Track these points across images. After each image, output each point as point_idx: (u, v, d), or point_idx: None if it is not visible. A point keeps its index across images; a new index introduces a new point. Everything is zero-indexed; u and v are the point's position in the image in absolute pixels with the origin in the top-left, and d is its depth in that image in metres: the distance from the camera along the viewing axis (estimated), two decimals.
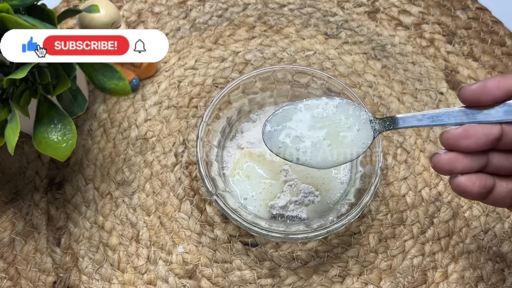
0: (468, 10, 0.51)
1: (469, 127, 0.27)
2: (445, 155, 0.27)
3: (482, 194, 0.28)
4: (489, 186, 0.28)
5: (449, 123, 0.28)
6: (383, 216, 0.42)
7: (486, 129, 0.27)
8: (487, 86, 0.27)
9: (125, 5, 0.51)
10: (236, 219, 0.36)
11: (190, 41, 0.49)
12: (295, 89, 0.42)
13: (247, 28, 0.50)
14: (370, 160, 0.38)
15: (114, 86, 0.34)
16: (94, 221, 0.42)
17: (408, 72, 0.48)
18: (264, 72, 0.40)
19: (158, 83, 0.47)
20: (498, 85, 0.26)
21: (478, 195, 0.28)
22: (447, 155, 0.27)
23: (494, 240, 0.41)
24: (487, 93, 0.27)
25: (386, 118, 0.31)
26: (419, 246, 0.41)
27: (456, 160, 0.27)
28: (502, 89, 0.26)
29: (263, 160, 0.41)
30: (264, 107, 0.44)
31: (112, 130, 0.45)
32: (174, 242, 0.41)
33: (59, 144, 0.32)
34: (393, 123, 0.30)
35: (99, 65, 0.33)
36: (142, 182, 0.43)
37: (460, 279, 0.40)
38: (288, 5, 0.51)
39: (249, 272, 0.40)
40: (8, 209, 0.42)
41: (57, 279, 0.40)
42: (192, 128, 0.45)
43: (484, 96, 0.27)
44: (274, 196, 0.40)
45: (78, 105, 0.35)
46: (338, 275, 0.40)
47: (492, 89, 0.26)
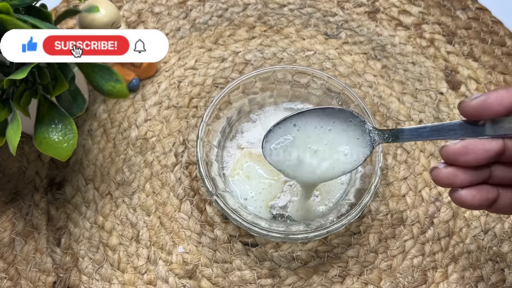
0: (468, 10, 0.51)
1: (468, 143, 0.26)
2: (445, 170, 0.27)
3: (484, 206, 0.27)
4: (492, 198, 0.27)
5: (449, 137, 0.27)
6: (383, 216, 0.42)
7: (487, 145, 0.26)
8: (488, 102, 0.25)
9: (125, 5, 0.51)
10: (236, 219, 0.36)
11: (190, 41, 0.49)
12: (295, 89, 0.42)
13: (247, 28, 0.50)
14: (370, 160, 0.38)
15: (111, 88, 0.33)
16: (94, 221, 0.42)
17: (408, 72, 0.48)
18: (264, 72, 0.40)
19: (158, 83, 0.47)
20: (501, 101, 0.25)
21: (479, 207, 0.27)
22: (447, 169, 0.27)
23: (494, 240, 0.41)
24: (488, 109, 0.25)
25: (385, 130, 0.30)
26: (419, 246, 0.41)
27: (456, 175, 0.26)
28: (503, 105, 0.25)
29: (263, 160, 0.41)
30: (264, 107, 0.44)
31: (112, 130, 0.45)
32: (174, 242, 0.41)
33: (60, 144, 0.32)
34: (393, 136, 0.30)
35: (97, 66, 0.33)
36: (142, 182, 0.43)
37: (460, 279, 0.40)
38: (288, 5, 0.51)
39: (249, 272, 0.40)
40: (8, 209, 0.42)
41: (57, 279, 0.40)
42: (192, 128, 0.45)
43: (485, 112, 0.26)
44: (274, 196, 0.40)
45: (78, 106, 0.35)
46: (338, 275, 0.40)
47: (494, 105, 0.25)
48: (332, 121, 0.32)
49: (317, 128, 0.32)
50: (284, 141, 0.33)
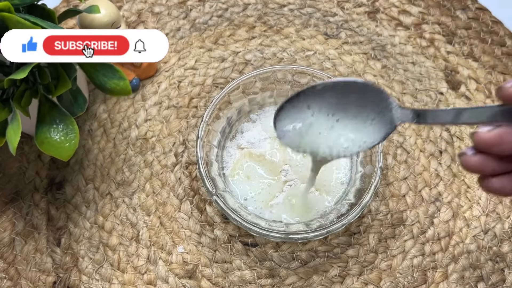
0: (468, 10, 0.51)
1: (504, 132, 0.23)
2: (474, 158, 0.24)
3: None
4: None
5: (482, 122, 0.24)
6: (383, 216, 0.42)
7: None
8: None
9: (125, 5, 0.51)
10: (236, 219, 0.36)
11: (190, 41, 0.49)
12: (295, 89, 0.42)
13: (247, 28, 0.50)
14: (370, 160, 0.38)
15: (114, 86, 0.34)
16: (94, 221, 0.42)
17: (408, 72, 0.48)
18: (264, 72, 0.40)
19: (158, 83, 0.47)
20: None
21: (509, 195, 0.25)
22: (476, 157, 0.24)
23: (494, 240, 0.41)
24: None
25: (410, 109, 0.27)
26: (419, 246, 0.41)
27: (486, 164, 0.24)
28: None
29: (263, 160, 0.41)
30: (264, 107, 0.44)
31: (112, 130, 0.45)
32: (174, 242, 0.41)
33: (62, 144, 0.32)
34: (417, 116, 0.27)
35: (99, 65, 0.33)
36: (142, 182, 0.43)
37: (460, 279, 0.40)
38: (288, 5, 0.51)
39: (249, 272, 0.40)
40: (8, 209, 0.42)
41: (57, 279, 0.40)
42: (192, 128, 0.45)
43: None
44: (274, 196, 0.40)
45: (78, 106, 0.35)
46: (338, 275, 0.40)
47: None
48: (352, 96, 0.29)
49: (335, 104, 0.30)
50: (299, 120, 0.31)
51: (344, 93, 0.29)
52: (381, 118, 0.29)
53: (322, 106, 0.30)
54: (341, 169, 0.41)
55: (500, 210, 0.42)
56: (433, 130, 0.45)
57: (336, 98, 0.30)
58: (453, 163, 0.44)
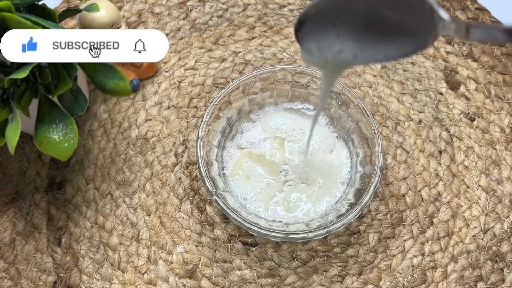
0: (467, 11, 0.51)
1: None
2: None
3: None
4: None
5: None
6: (383, 216, 0.42)
7: None
8: None
9: (125, 5, 0.51)
10: (236, 219, 0.36)
11: (190, 42, 0.49)
12: (295, 90, 0.42)
13: (247, 28, 0.50)
14: (370, 160, 0.38)
15: (115, 86, 0.34)
16: (94, 221, 0.42)
17: (408, 73, 0.48)
18: (264, 73, 0.40)
19: (158, 83, 0.47)
20: None
21: None
22: None
23: (494, 240, 0.41)
24: None
25: (455, 20, 0.23)
26: (418, 246, 0.41)
27: None
28: None
29: (263, 160, 0.41)
30: (264, 107, 0.44)
31: (112, 130, 0.45)
32: (174, 242, 0.41)
33: (61, 144, 0.32)
34: (460, 30, 0.23)
35: (100, 65, 0.33)
36: (143, 182, 0.43)
37: (459, 278, 0.40)
38: (288, 5, 0.51)
39: (249, 272, 0.40)
40: (8, 209, 0.42)
41: (57, 279, 0.40)
42: (192, 128, 0.45)
43: None
44: (274, 196, 0.40)
45: (79, 106, 0.35)
46: (337, 274, 0.40)
47: None
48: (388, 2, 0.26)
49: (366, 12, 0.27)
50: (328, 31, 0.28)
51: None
52: (418, 26, 0.25)
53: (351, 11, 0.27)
54: (341, 169, 0.41)
55: (499, 210, 0.42)
56: (433, 130, 0.45)
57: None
58: (452, 163, 0.44)
